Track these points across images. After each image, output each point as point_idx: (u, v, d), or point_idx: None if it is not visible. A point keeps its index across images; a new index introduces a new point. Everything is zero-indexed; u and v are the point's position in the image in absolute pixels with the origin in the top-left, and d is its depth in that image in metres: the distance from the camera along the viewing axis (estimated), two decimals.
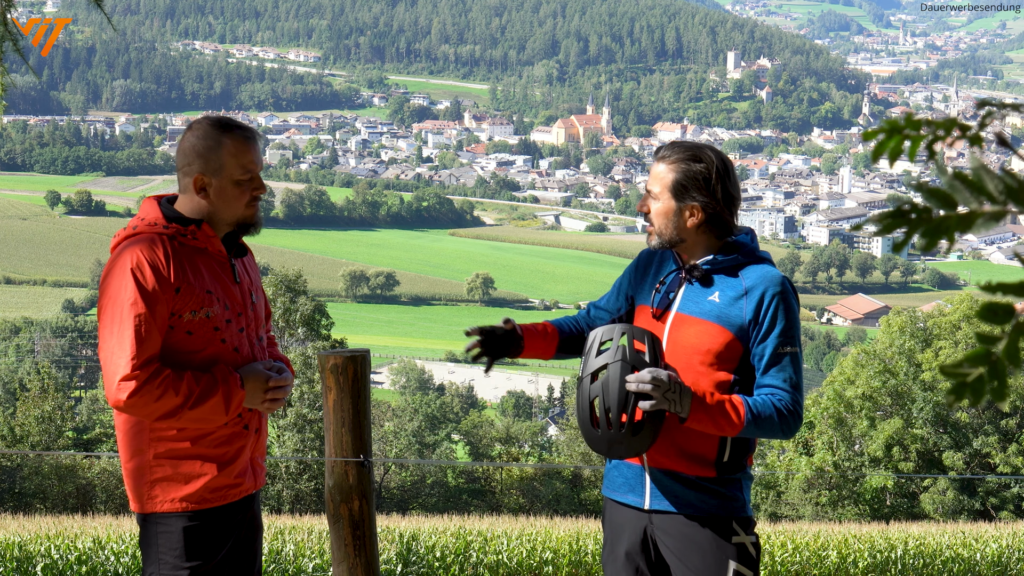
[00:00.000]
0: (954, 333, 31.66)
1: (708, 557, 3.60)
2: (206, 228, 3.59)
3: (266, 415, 3.79)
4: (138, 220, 3.61)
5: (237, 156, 3.58)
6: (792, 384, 3.57)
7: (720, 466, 3.60)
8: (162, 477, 3.57)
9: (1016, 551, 10.52)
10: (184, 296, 3.52)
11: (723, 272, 3.64)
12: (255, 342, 3.73)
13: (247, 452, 3.70)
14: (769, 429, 3.55)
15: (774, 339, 3.56)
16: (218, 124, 3.61)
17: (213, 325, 3.58)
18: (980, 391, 1.42)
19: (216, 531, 3.63)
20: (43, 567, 8.18)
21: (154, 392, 3.43)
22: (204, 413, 3.51)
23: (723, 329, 3.57)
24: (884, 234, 1.48)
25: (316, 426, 28.64)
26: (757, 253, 3.66)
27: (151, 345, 3.47)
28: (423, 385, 72.65)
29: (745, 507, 3.65)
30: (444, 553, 9.13)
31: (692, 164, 3.61)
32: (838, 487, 30.18)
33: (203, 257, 3.60)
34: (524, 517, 15.25)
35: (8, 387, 50.54)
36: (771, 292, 3.57)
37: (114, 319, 3.47)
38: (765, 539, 10.33)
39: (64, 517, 13.76)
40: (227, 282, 3.65)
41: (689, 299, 3.64)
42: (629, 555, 3.71)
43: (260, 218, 3.70)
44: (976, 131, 1.50)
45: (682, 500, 3.61)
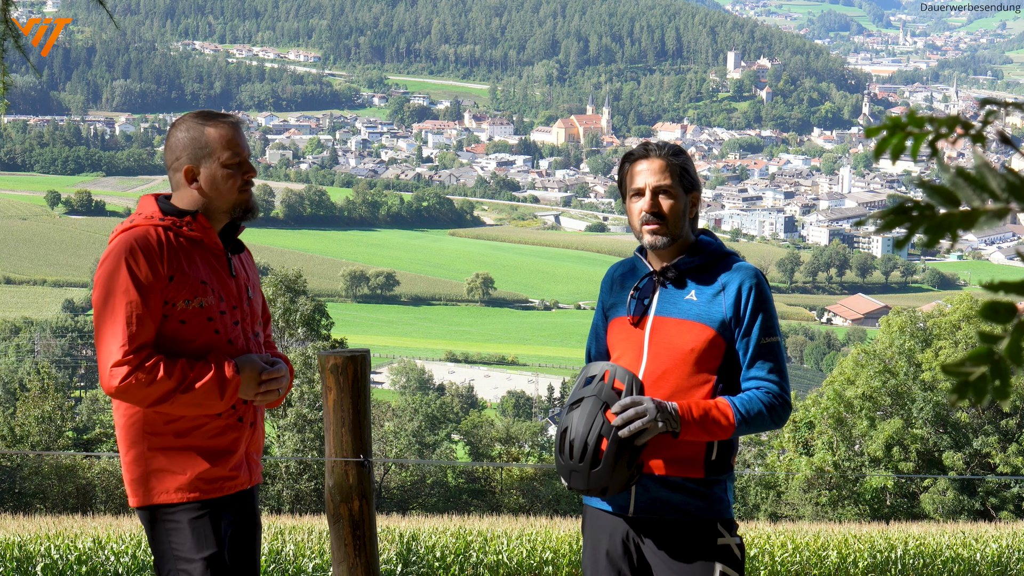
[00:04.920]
0: (954, 333, 31.65)
1: (694, 560, 3.60)
2: (201, 219, 3.61)
3: (262, 410, 3.80)
4: (136, 215, 3.63)
5: (223, 141, 3.61)
6: (777, 373, 3.61)
7: (708, 466, 3.61)
8: (158, 468, 3.59)
9: (1016, 551, 10.52)
10: (177, 284, 3.54)
11: (695, 271, 3.66)
12: (251, 336, 3.74)
13: (242, 445, 3.70)
14: (760, 424, 3.58)
15: (757, 331, 3.59)
16: (200, 115, 3.65)
17: (207, 315, 3.60)
18: (982, 390, 1.41)
19: (219, 521, 3.64)
20: (43, 567, 8.17)
21: (146, 376, 3.45)
22: (198, 398, 3.52)
23: (704, 327, 3.59)
24: (886, 231, 1.47)
25: (316, 426, 28.64)
26: (723, 250, 3.70)
27: (144, 332, 3.48)
28: (423, 385, 72.65)
29: (728, 508, 3.66)
30: (444, 553, 9.13)
31: (683, 157, 3.69)
32: (838, 487, 30.17)
33: (199, 249, 3.62)
34: (524, 517, 15.24)
35: (8, 387, 50.51)
36: (747, 285, 3.61)
37: (107, 307, 3.49)
38: (765, 539, 10.33)
39: (64, 517, 13.75)
40: (223, 275, 3.67)
41: (666, 301, 3.66)
42: (611, 559, 3.69)
43: (256, 202, 3.72)
44: (979, 129, 1.49)
45: (668, 504, 3.61)
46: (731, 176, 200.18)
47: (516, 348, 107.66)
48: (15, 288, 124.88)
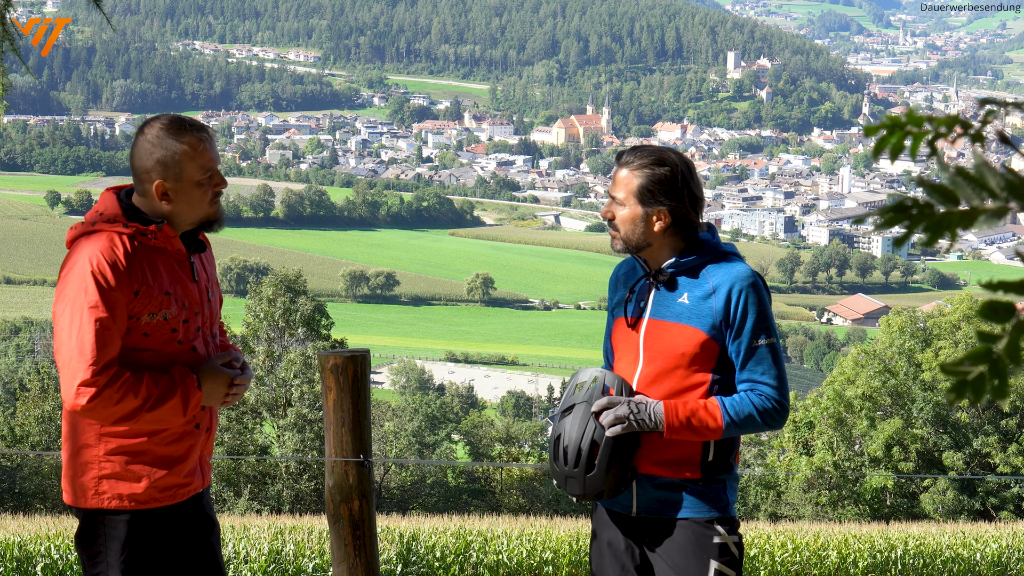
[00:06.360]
0: (954, 333, 31.65)
1: (690, 557, 3.65)
2: (167, 229, 3.54)
3: (216, 414, 3.77)
4: (96, 214, 3.54)
5: (196, 158, 3.53)
6: (771, 375, 3.61)
7: (705, 467, 3.65)
8: (111, 473, 3.53)
9: (1016, 551, 10.52)
10: (143, 299, 3.48)
11: (687, 273, 3.66)
12: (210, 340, 3.70)
13: (197, 451, 3.66)
14: (751, 426, 3.60)
15: (747, 333, 3.59)
16: (171, 128, 3.54)
17: (171, 327, 3.54)
18: (981, 389, 1.41)
19: (165, 531, 3.59)
20: (43, 567, 8.17)
21: (114, 396, 3.40)
22: (162, 415, 3.48)
23: (696, 330, 3.60)
24: (885, 228, 1.46)
25: (316, 426, 28.65)
26: (720, 249, 3.68)
27: (111, 349, 3.42)
28: (423, 385, 72.67)
29: (728, 508, 3.69)
30: (444, 553, 9.12)
31: (656, 168, 3.63)
32: (838, 487, 30.18)
33: (162, 257, 3.55)
34: (524, 517, 15.23)
35: (8, 387, 50.52)
36: (738, 287, 3.60)
37: (73, 321, 3.42)
38: (765, 539, 10.33)
39: (64, 517, 13.74)
40: (185, 281, 3.60)
41: (659, 304, 3.68)
42: (616, 553, 3.77)
43: (223, 213, 3.65)
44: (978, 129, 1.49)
45: (668, 504, 3.66)
46: (731, 176, 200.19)
47: (516, 348, 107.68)
48: (15, 288, 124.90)
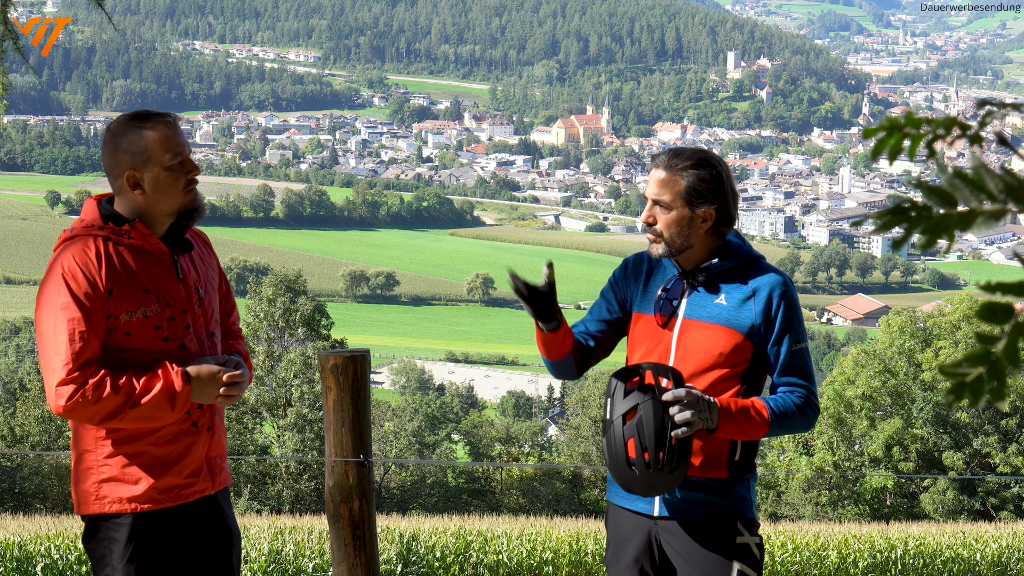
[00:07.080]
0: (954, 333, 31.66)
1: (712, 558, 3.63)
2: (139, 226, 3.52)
3: (221, 413, 3.74)
4: (78, 222, 3.56)
5: (162, 143, 3.52)
6: (807, 378, 3.67)
7: (732, 465, 3.66)
8: (109, 477, 3.52)
9: (1016, 551, 10.52)
10: (118, 298, 3.47)
11: (727, 275, 3.68)
12: (204, 338, 3.65)
13: (198, 451, 3.61)
14: (792, 426, 3.65)
15: (788, 339, 3.65)
16: (135, 118, 3.56)
17: (153, 324, 3.52)
18: (979, 391, 1.41)
19: (170, 534, 3.57)
20: (43, 567, 8.17)
21: (91, 394, 3.38)
22: (148, 411, 3.45)
23: (733, 331, 3.63)
24: (883, 231, 1.47)
25: (316, 426, 28.65)
26: (753, 253, 3.72)
27: (87, 349, 3.42)
28: (423, 385, 72.63)
29: (750, 508, 3.70)
30: (444, 553, 9.13)
31: (700, 170, 3.64)
32: (838, 487, 30.18)
33: (141, 256, 3.53)
34: (524, 517, 15.24)
35: (8, 387, 50.54)
36: (778, 292, 3.65)
37: (48, 326, 3.43)
38: (765, 539, 10.34)
39: (64, 517, 13.74)
40: (168, 280, 3.57)
41: (696, 304, 3.68)
42: (635, 558, 3.71)
43: (201, 202, 3.61)
44: (976, 130, 1.49)
45: (692, 504, 3.64)
46: None
47: (516, 348, 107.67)
48: (15, 288, 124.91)
